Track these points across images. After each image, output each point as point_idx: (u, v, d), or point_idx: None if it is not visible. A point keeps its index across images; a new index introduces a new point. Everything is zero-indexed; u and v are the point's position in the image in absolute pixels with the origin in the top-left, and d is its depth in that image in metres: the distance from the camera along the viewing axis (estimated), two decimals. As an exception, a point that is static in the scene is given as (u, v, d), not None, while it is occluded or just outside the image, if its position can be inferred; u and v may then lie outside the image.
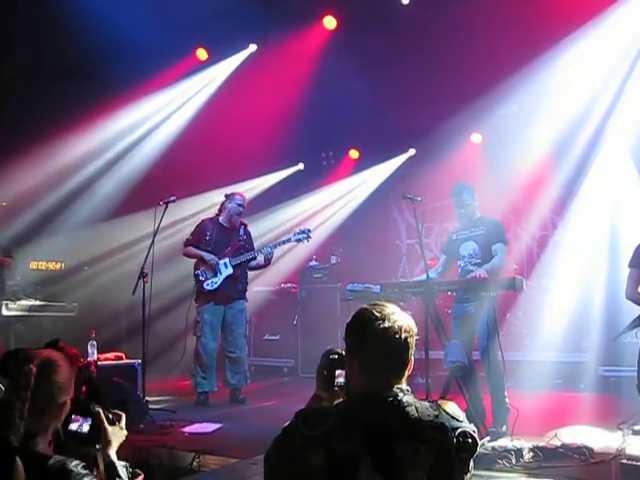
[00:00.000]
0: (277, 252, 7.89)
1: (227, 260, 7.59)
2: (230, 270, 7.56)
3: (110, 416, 2.65)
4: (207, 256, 7.58)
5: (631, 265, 5.21)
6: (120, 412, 2.73)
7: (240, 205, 7.76)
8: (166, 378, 8.62)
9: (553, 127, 9.52)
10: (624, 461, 4.35)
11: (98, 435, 2.58)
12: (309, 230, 7.84)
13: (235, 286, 7.65)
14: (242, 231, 7.80)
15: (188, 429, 5.90)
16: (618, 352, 7.66)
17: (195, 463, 4.78)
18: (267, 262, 7.73)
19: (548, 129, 9.72)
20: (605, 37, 8.30)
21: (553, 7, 7.54)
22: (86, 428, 2.57)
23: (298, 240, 7.78)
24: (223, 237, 7.71)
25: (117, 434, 2.64)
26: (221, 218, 7.80)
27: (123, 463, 2.58)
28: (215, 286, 7.55)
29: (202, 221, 7.93)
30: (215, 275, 7.56)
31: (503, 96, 8.97)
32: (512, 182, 9.23)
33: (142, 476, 2.67)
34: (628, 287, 5.20)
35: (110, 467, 2.52)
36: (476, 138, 10.78)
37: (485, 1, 7.97)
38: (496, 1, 7.90)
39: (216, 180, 9.81)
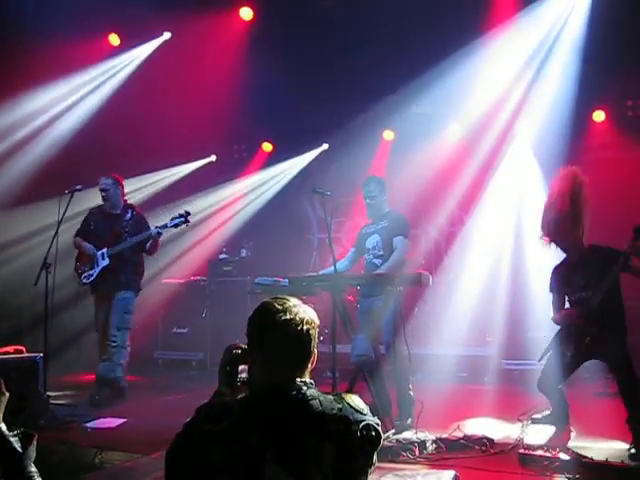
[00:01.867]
0: (184, 244, 7.57)
1: (104, 250, 7.13)
2: (106, 261, 7.09)
3: None
4: (87, 248, 7.21)
5: (550, 290, 5.34)
6: None
7: (101, 189, 7.28)
8: (69, 372, 8.36)
9: (463, 126, 9.77)
10: (521, 451, 4.57)
11: None
12: (188, 213, 7.10)
13: (116, 278, 7.16)
14: (128, 215, 7.19)
15: (91, 424, 5.79)
16: (520, 346, 7.93)
17: (97, 459, 4.67)
18: (153, 245, 7.21)
19: (458, 128, 9.98)
20: (515, 39, 8.57)
21: (467, 8, 7.70)
22: None
23: (175, 225, 7.02)
24: (106, 225, 7.29)
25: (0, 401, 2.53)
26: (106, 205, 7.37)
27: (13, 432, 2.47)
28: (91, 279, 7.15)
29: (89, 210, 7.52)
30: (92, 268, 7.17)
31: (416, 94, 9.12)
32: (422, 179, 9.39)
33: (36, 436, 2.55)
34: (553, 312, 5.32)
35: (1, 441, 2.42)
36: (388, 135, 10.92)
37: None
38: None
39: (126, 169, 9.53)
